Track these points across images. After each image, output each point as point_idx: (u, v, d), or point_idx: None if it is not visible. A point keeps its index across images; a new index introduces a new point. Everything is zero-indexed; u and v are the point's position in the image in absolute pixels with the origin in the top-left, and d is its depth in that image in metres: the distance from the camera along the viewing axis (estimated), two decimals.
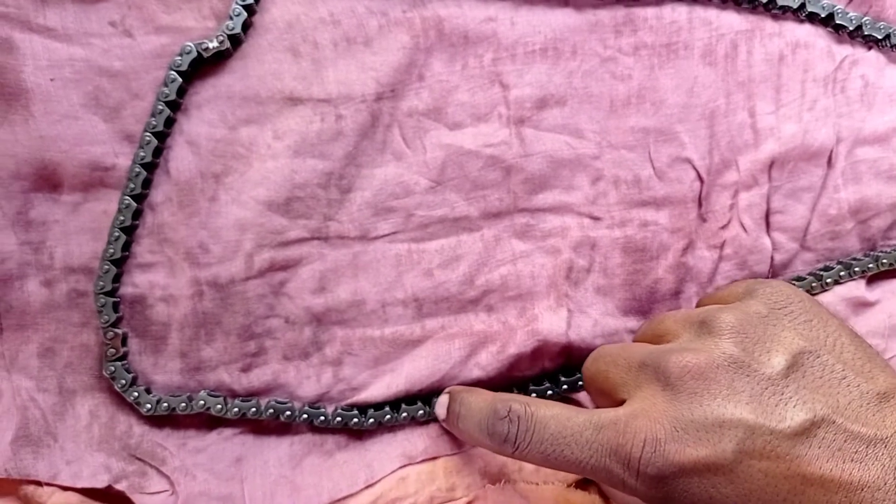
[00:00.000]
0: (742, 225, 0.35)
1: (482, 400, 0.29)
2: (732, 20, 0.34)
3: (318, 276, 0.33)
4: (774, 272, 0.36)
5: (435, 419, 0.33)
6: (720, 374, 0.25)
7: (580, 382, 0.35)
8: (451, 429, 0.31)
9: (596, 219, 0.35)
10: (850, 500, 0.23)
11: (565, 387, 0.35)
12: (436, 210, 0.34)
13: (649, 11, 0.34)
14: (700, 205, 0.35)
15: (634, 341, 0.31)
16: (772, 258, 0.35)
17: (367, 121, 0.33)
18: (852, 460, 0.23)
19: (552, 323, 0.34)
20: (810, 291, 0.35)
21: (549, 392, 0.35)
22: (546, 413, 0.27)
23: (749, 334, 0.26)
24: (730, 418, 0.24)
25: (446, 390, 0.32)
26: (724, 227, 0.35)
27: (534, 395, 0.35)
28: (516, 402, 0.28)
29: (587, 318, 0.35)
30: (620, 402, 0.27)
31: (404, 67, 0.33)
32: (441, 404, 0.32)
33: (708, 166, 0.35)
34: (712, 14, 0.34)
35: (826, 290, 0.35)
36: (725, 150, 0.35)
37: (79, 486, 0.32)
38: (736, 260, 0.35)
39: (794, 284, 0.35)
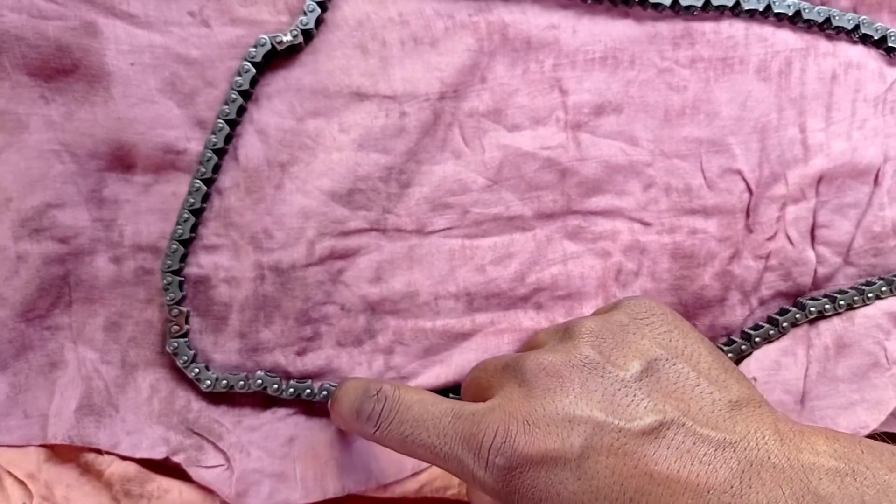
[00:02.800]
0: (788, 237, 0.36)
1: (359, 381, 0.30)
2: (788, 38, 0.35)
3: (375, 266, 0.35)
4: (817, 285, 0.36)
5: None
6: (574, 374, 0.26)
7: None
8: (332, 416, 0.31)
9: (646, 224, 0.36)
10: (696, 502, 0.23)
11: None
12: (491, 208, 0.35)
13: (707, 26, 0.35)
14: (748, 216, 0.36)
15: None
16: (815, 271, 0.36)
17: (430, 119, 0.34)
18: (700, 462, 0.23)
19: None
20: (852, 305, 0.35)
21: None
22: (412, 397, 0.28)
23: (607, 339, 0.27)
24: (580, 415, 0.24)
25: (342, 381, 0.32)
26: (770, 239, 0.36)
27: None
28: (388, 385, 0.28)
29: None
30: None
31: (468, 69, 0.34)
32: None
33: (757, 178, 0.35)
34: (768, 31, 0.35)
35: (867, 305, 0.36)
36: (775, 164, 0.35)
37: (137, 456, 0.33)
38: (781, 271, 0.36)
39: (836, 297, 0.36)
